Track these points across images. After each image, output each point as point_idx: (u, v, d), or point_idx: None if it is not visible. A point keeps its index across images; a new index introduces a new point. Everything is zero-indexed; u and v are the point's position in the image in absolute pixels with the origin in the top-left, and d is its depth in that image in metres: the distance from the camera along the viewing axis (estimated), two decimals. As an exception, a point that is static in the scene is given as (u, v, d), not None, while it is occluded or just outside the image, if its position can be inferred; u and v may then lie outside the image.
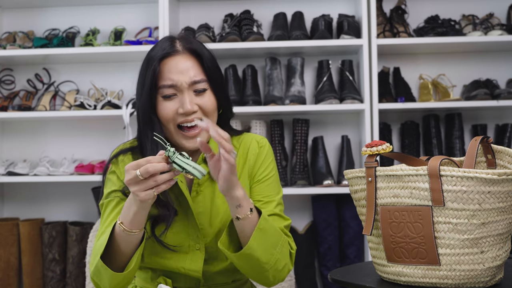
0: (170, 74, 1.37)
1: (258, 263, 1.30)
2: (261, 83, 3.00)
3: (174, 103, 1.37)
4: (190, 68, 1.38)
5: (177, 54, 1.39)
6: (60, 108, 2.99)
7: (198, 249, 1.39)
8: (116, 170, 1.42)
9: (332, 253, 2.80)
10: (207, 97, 1.39)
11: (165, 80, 1.37)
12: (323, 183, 2.74)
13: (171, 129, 1.39)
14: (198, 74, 1.39)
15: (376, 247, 1.31)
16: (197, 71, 1.39)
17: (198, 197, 1.41)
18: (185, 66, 1.38)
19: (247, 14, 2.92)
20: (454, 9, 3.01)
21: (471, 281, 1.21)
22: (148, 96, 1.37)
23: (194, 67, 1.39)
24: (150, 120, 1.39)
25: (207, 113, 1.39)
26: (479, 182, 1.16)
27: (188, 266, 1.38)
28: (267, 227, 1.30)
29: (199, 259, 1.39)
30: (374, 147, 1.30)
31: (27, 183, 3.07)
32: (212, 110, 1.40)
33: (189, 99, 1.36)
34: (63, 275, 2.88)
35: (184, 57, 1.39)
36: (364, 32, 2.76)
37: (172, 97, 1.37)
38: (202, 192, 1.42)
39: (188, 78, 1.37)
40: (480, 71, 2.98)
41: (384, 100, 2.80)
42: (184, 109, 1.36)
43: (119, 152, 1.45)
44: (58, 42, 2.93)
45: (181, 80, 1.37)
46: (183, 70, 1.37)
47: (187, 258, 1.39)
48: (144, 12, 3.10)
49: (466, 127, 2.96)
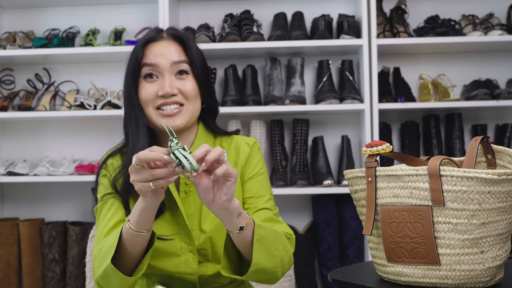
0: (152, 55, 1.39)
1: (266, 272, 1.29)
2: (261, 83, 3.00)
3: (154, 86, 1.38)
4: (172, 52, 1.39)
5: (161, 39, 1.41)
6: (60, 108, 2.99)
7: (191, 251, 1.37)
8: (107, 174, 1.42)
9: (332, 253, 2.80)
10: (188, 82, 1.39)
11: (147, 60, 1.38)
12: (323, 183, 2.74)
13: (150, 111, 1.38)
14: (180, 56, 1.39)
15: (376, 247, 1.31)
16: (180, 54, 1.40)
17: (189, 198, 1.40)
18: (167, 49, 1.39)
19: (247, 14, 2.92)
20: (454, 9, 3.01)
21: (471, 281, 1.21)
22: (131, 79, 1.39)
23: (177, 50, 1.40)
24: (132, 103, 1.39)
25: (188, 98, 1.38)
26: (479, 182, 1.16)
27: (183, 270, 1.37)
28: (264, 234, 1.27)
29: (193, 261, 1.37)
30: (374, 147, 1.29)
31: (27, 183, 3.07)
32: (193, 95, 1.39)
33: (169, 81, 1.37)
34: (63, 275, 2.88)
35: (168, 42, 1.41)
36: (364, 32, 2.76)
37: (153, 79, 1.38)
38: (192, 193, 1.40)
39: (170, 60, 1.38)
40: (480, 71, 2.98)
41: (384, 100, 2.80)
42: (163, 90, 1.36)
43: (108, 156, 1.45)
44: (58, 42, 2.93)
45: (162, 62, 1.38)
46: (165, 53, 1.39)
47: (181, 261, 1.37)
48: (144, 12, 3.10)
49: (466, 127, 2.96)
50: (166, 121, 1.37)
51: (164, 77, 1.37)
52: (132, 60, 1.39)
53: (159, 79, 1.38)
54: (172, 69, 1.38)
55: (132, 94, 1.39)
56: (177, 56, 1.39)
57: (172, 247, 1.37)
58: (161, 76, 1.38)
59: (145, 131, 1.39)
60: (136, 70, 1.39)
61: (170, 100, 1.37)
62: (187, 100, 1.38)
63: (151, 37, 1.41)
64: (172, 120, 1.37)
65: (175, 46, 1.40)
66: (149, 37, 1.41)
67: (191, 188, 1.40)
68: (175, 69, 1.38)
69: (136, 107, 1.39)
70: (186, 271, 1.37)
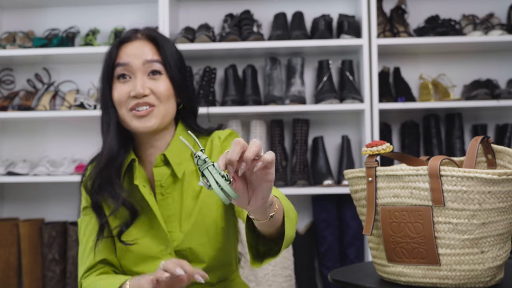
0: (125, 55, 1.38)
1: (291, 239, 1.20)
2: (261, 83, 3.00)
3: (127, 86, 1.36)
4: (146, 51, 1.38)
5: (135, 39, 1.40)
6: (60, 108, 2.99)
7: (169, 253, 1.37)
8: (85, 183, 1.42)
9: (332, 253, 2.80)
10: (162, 82, 1.37)
11: (120, 59, 1.38)
12: (323, 183, 2.74)
13: (123, 112, 1.37)
14: (153, 55, 1.38)
15: (376, 247, 1.31)
16: (153, 53, 1.38)
17: (167, 200, 1.39)
18: (141, 49, 1.38)
19: (247, 14, 2.92)
20: (454, 9, 3.01)
21: (471, 281, 1.21)
22: (105, 79, 1.38)
23: (151, 50, 1.39)
24: (106, 104, 1.39)
25: (160, 98, 1.36)
26: (479, 182, 1.16)
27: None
28: (287, 207, 1.18)
29: None
30: (374, 147, 1.29)
31: (27, 183, 3.07)
32: (165, 96, 1.37)
33: (141, 82, 1.35)
34: (63, 275, 2.88)
35: (142, 42, 1.39)
36: (364, 32, 2.76)
37: (126, 80, 1.37)
38: (170, 194, 1.39)
39: (142, 59, 1.37)
40: (480, 71, 2.98)
41: (384, 100, 2.80)
42: (135, 91, 1.34)
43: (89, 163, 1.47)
44: (58, 42, 2.93)
45: (134, 61, 1.36)
46: (138, 53, 1.37)
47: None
48: (144, 12, 3.10)
49: (466, 127, 2.96)
50: (138, 122, 1.36)
51: (137, 77, 1.36)
52: (106, 61, 1.39)
53: (132, 80, 1.37)
54: (145, 68, 1.37)
55: (106, 95, 1.39)
56: (150, 55, 1.37)
57: (150, 251, 1.37)
58: (133, 76, 1.37)
59: (115, 132, 1.38)
60: (109, 71, 1.38)
61: (142, 101, 1.35)
62: (159, 101, 1.36)
63: (126, 37, 1.40)
64: (144, 121, 1.35)
65: (149, 46, 1.39)
66: (123, 37, 1.40)
67: (168, 190, 1.39)
68: (148, 68, 1.37)
69: (109, 108, 1.38)
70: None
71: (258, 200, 0.96)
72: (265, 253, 1.20)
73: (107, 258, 1.40)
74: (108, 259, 1.40)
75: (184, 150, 1.41)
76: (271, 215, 1.06)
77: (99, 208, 1.39)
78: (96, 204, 1.38)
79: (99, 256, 1.39)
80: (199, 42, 2.80)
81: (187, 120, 1.46)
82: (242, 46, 2.78)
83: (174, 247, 1.36)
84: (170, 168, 1.39)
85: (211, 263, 1.38)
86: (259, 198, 0.95)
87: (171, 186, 1.39)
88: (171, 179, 1.39)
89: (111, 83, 1.39)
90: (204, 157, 0.89)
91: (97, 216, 1.38)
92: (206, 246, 1.37)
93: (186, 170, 1.40)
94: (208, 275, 1.38)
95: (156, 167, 1.39)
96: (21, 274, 2.95)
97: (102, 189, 1.37)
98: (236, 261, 1.50)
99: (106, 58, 1.39)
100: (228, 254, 1.43)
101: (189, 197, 1.38)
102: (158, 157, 1.39)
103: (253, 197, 0.95)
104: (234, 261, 1.48)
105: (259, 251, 1.20)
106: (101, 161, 1.38)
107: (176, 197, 1.39)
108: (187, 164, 1.41)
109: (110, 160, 1.37)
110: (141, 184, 1.38)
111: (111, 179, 1.36)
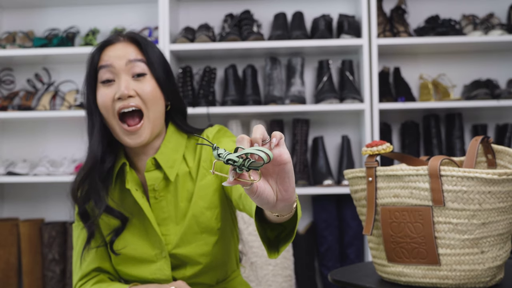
0: (107, 58, 1.34)
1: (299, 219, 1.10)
2: (261, 83, 3.00)
3: (111, 89, 1.33)
4: (129, 52, 1.34)
5: (117, 42, 1.37)
6: (60, 108, 2.99)
7: (165, 257, 1.36)
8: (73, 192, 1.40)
9: (332, 253, 2.80)
10: (147, 83, 1.34)
11: (102, 62, 1.34)
12: (323, 183, 2.74)
13: (112, 121, 1.33)
14: (137, 55, 1.35)
15: (376, 247, 1.30)
16: (136, 54, 1.35)
17: (160, 203, 1.37)
18: (124, 51, 1.34)
19: (247, 14, 2.92)
20: (454, 9, 3.01)
21: (471, 281, 1.21)
22: (89, 84, 1.35)
23: (134, 51, 1.35)
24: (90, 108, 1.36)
25: (146, 101, 1.33)
26: (479, 182, 1.16)
27: (158, 276, 1.35)
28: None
29: (167, 267, 1.35)
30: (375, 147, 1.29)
31: (27, 183, 3.07)
32: (152, 97, 1.33)
33: (125, 83, 1.31)
34: (63, 275, 2.88)
35: (124, 44, 1.36)
36: (364, 32, 2.76)
37: (110, 83, 1.33)
38: (164, 197, 1.37)
39: (125, 59, 1.33)
40: (480, 71, 2.98)
41: (384, 100, 2.80)
42: (119, 92, 1.30)
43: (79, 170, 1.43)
44: (58, 42, 2.93)
45: (117, 62, 1.33)
46: (121, 54, 1.34)
47: (156, 267, 1.36)
48: (144, 12, 3.10)
49: (467, 127, 2.96)
50: (130, 139, 1.32)
51: (120, 79, 1.32)
52: (89, 65, 1.36)
53: (116, 82, 1.33)
54: (128, 68, 1.33)
55: (89, 100, 1.36)
56: (134, 55, 1.34)
57: (146, 255, 1.36)
58: (117, 78, 1.33)
59: (99, 137, 1.35)
60: (92, 75, 1.35)
61: (127, 102, 1.31)
62: (145, 104, 1.33)
63: (108, 41, 1.37)
64: (135, 138, 1.32)
65: (132, 47, 1.36)
66: (106, 40, 1.37)
67: (162, 193, 1.37)
68: (131, 68, 1.33)
69: (93, 113, 1.35)
70: (160, 277, 1.36)
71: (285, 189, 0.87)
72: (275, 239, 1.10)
73: (101, 266, 1.39)
74: (102, 267, 1.39)
75: (175, 153, 1.39)
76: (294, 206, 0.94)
77: (86, 217, 1.37)
78: (84, 213, 1.37)
79: (93, 264, 1.38)
80: (199, 42, 2.80)
81: (177, 121, 1.43)
82: (242, 46, 2.78)
83: (169, 250, 1.36)
84: (162, 172, 1.37)
85: (208, 264, 1.37)
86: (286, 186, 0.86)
87: (164, 189, 1.38)
88: (164, 182, 1.37)
89: (95, 87, 1.35)
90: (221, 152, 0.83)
91: (84, 224, 1.36)
92: (202, 247, 1.36)
93: (179, 173, 1.38)
94: (206, 276, 1.39)
95: (148, 171, 1.37)
96: (21, 274, 2.95)
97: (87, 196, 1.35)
98: (236, 260, 1.49)
99: (89, 62, 1.36)
100: (226, 255, 1.42)
101: (184, 199, 1.37)
102: (149, 161, 1.36)
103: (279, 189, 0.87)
104: (234, 261, 1.48)
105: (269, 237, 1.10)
106: (85, 167, 1.35)
107: (170, 200, 1.37)
108: (179, 166, 1.39)
109: (93, 166, 1.34)
110: (133, 188, 1.36)
111: (95, 185, 1.34)
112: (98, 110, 1.35)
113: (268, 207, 0.87)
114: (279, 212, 0.91)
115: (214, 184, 1.38)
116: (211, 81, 2.88)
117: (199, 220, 1.36)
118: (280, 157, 0.83)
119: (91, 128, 1.36)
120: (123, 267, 1.38)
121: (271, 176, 0.86)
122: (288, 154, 0.84)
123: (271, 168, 0.85)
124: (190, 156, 1.40)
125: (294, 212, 0.99)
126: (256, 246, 1.90)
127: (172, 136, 1.40)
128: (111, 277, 1.42)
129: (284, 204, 0.88)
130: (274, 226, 1.06)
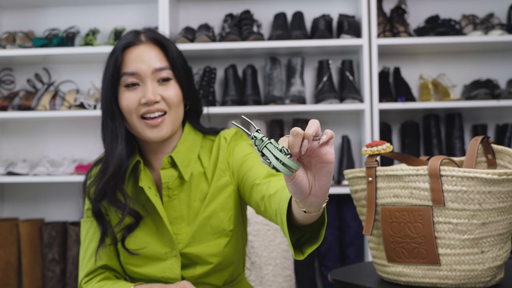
0: (132, 63, 1.33)
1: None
2: (261, 83, 3.00)
3: (136, 93, 1.33)
4: (153, 57, 1.34)
5: (140, 43, 1.36)
6: (60, 108, 2.99)
7: (175, 256, 1.36)
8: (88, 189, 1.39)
9: (332, 253, 2.80)
10: (172, 88, 1.34)
11: (127, 68, 1.33)
12: (323, 183, 2.73)
13: (134, 120, 1.33)
14: (162, 61, 1.35)
15: (377, 247, 1.30)
16: (161, 60, 1.35)
17: (173, 201, 1.38)
18: (148, 55, 1.34)
19: (247, 14, 2.92)
20: (454, 9, 3.01)
21: (471, 281, 1.21)
22: (111, 86, 1.34)
23: (158, 56, 1.35)
24: (111, 111, 1.34)
25: (171, 105, 1.34)
26: (479, 182, 1.16)
27: (167, 275, 1.35)
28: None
29: (176, 266, 1.36)
30: (375, 147, 1.29)
31: (27, 183, 3.07)
32: (177, 102, 1.35)
33: (152, 88, 1.32)
34: (63, 275, 2.88)
35: (148, 47, 1.36)
36: (364, 32, 2.76)
37: (135, 87, 1.33)
38: (177, 196, 1.38)
39: (151, 67, 1.33)
40: (480, 71, 2.98)
41: (384, 100, 2.80)
42: (146, 98, 1.30)
43: (93, 165, 1.43)
44: (58, 42, 2.93)
45: (143, 68, 1.32)
46: (146, 59, 1.33)
47: (166, 266, 1.36)
48: (144, 12, 3.10)
49: (466, 127, 2.96)
50: (151, 132, 1.33)
51: (146, 84, 1.32)
52: (111, 67, 1.34)
53: (141, 86, 1.33)
54: (154, 76, 1.33)
55: (111, 102, 1.34)
56: (159, 63, 1.34)
57: (157, 253, 1.36)
58: (142, 83, 1.33)
59: (123, 139, 1.35)
60: (115, 78, 1.34)
61: (154, 107, 1.32)
62: (169, 107, 1.34)
63: (130, 42, 1.35)
64: (156, 131, 1.33)
65: (155, 51, 1.35)
66: (127, 41, 1.35)
67: (175, 192, 1.38)
68: (157, 75, 1.33)
69: (116, 115, 1.34)
70: (170, 276, 1.36)
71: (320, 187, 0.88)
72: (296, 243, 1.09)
73: (108, 263, 1.39)
74: (109, 265, 1.39)
75: (190, 152, 1.40)
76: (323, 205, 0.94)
77: (100, 216, 1.37)
78: (98, 211, 1.37)
79: (100, 262, 1.38)
80: (199, 42, 2.80)
81: (191, 121, 1.44)
82: (242, 46, 2.78)
83: (180, 249, 1.36)
84: (177, 170, 1.38)
85: (218, 265, 1.37)
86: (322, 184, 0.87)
87: (178, 188, 1.38)
88: (179, 181, 1.38)
89: (117, 90, 1.35)
90: (261, 136, 0.85)
91: (98, 223, 1.37)
92: (213, 247, 1.36)
93: (193, 172, 1.39)
94: (214, 277, 1.39)
95: (163, 169, 1.37)
96: (21, 274, 2.95)
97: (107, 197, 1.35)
98: (243, 262, 1.50)
99: (111, 65, 1.34)
100: (235, 256, 1.42)
101: (197, 199, 1.37)
102: (165, 159, 1.37)
103: (314, 184, 0.88)
104: (242, 263, 1.48)
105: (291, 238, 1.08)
106: (109, 170, 1.34)
107: (183, 199, 1.38)
108: (194, 166, 1.39)
109: (118, 170, 1.34)
110: (146, 186, 1.36)
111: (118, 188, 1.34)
112: (121, 113, 1.34)
113: (300, 197, 0.88)
114: (308, 207, 0.92)
115: (231, 186, 1.39)
116: (211, 81, 2.88)
117: (212, 221, 1.36)
118: (325, 156, 0.84)
119: (113, 130, 1.34)
120: (132, 264, 1.38)
121: (311, 170, 0.87)
122: (333, 155, 0.85)
123: (313, 163, 0.86)
124: (205, 156, 1.41)
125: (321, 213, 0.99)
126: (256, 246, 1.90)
127: (188, 135, 1.42)
128: (117, 275, 1.42)
129: (315, 200, 0.89)
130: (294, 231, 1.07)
